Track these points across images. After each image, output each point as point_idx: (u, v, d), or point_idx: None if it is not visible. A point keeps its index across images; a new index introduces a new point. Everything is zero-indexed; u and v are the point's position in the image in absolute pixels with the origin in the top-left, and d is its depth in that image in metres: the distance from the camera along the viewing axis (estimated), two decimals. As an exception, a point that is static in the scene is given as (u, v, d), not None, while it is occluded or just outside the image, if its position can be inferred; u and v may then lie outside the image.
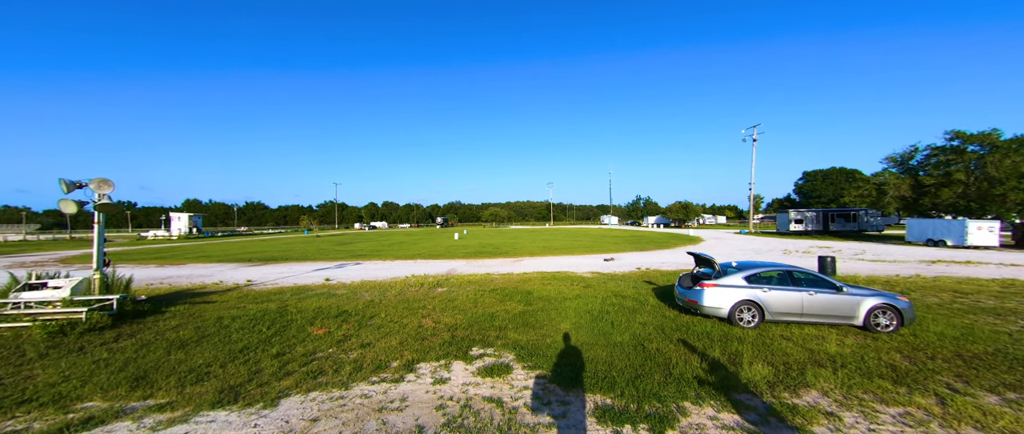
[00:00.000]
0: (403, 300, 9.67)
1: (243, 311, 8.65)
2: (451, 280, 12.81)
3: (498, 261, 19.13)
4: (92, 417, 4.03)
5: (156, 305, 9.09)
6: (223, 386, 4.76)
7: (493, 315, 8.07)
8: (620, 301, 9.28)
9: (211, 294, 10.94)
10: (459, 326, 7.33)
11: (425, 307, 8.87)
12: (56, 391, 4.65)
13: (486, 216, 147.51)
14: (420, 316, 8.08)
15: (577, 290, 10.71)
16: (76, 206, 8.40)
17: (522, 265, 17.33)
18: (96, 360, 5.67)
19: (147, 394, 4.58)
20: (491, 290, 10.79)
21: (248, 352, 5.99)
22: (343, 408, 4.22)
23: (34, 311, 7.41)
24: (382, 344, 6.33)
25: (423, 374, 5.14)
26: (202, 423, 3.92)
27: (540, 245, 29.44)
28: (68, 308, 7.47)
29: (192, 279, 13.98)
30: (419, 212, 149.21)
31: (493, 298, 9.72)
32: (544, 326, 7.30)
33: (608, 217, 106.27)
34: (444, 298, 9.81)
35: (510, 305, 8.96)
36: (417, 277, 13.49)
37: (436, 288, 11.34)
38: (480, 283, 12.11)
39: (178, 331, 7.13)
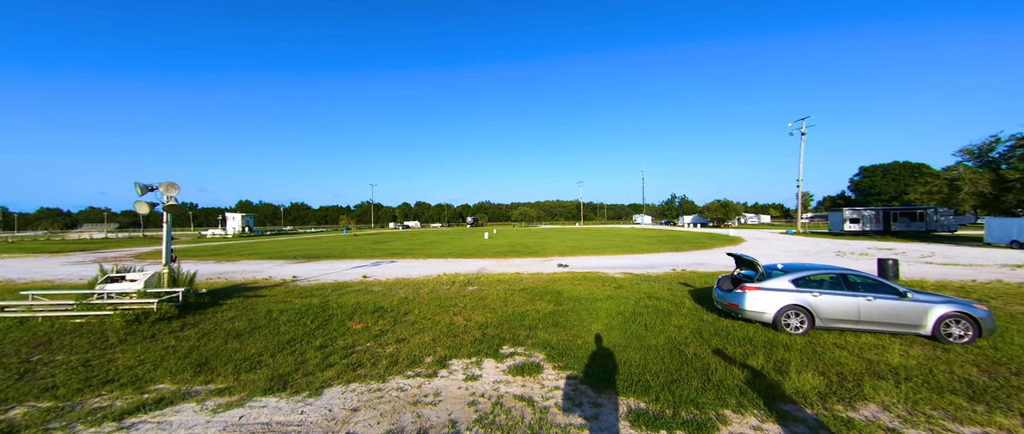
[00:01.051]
0: (435, 298, 9.92)
1: (290, 305, 9.24)
2: (481, 279, 12.98)
3: (527, 260, 19.15)
4: (163, 398, 4.47)
5: (215, 298, 9.92)
6: (273, 374, 5.12)
7: (523, 314, 8.09)
8: (654, 303, 8.99)
9: (261, 289, 11.78)
10: (490, 324, 7.42)
11: (456, 305, 9.05)
12: (133, 373, 5.21)
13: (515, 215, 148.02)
14: (452, 313, 8.26)
15: (608, 291, 10.50)
16: (148, 207, 9.34)
17: (551, 264, 17.23)
18: (166, 347, 6.28)
19: (208, 379, 5.02)
20: (521, 289, 10.82)
21: (294, 343, 6.40)
22: (381, 400, 4.40)
23: (115, 301, 8.32)
24: (416, 340, 6.54)
25: (455, 370, 5.25)
26: (255, 408, 4.24)
27: (570, 245, 29.13)
28: (142, 299, 8.33)
29: (245, 275, 15.11)
30: (450, 212, 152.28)
31: (523, 297, 9.74)
32: (574, 326, 7.22)
33: (641, 216, 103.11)
34: (475, 296, 9.96)
35: (540, 305, 8.94)
36: (448, 275, 13.79)
37: (467, 286, 11.53)
38: (510, 282, 12.18)
39: (234, 322, 7.74)
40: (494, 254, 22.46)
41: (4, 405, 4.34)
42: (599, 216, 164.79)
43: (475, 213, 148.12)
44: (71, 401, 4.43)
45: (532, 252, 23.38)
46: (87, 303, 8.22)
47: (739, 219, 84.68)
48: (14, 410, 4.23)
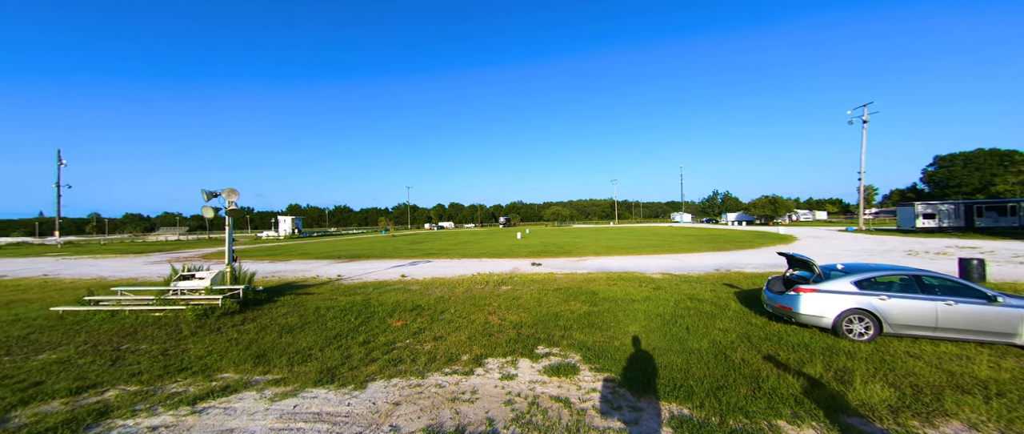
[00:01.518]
0: (470, 297, 10.09)
1: (335, 302, 9.78)
2: (515, 279, 13.03)
3: (561, 260, 18.97)
4: (228, 386, 4.90)
5: (270, 295, 10.72)
6: (322, 367, 5.44)
7: (557, 314, 8.02)
8: (696, 305, 8.58)
9: (310, 287, 12.57)
10: (524, 324, 7.42)
11: (491, 304, 9.14)
12: (203, 363, 5.75)
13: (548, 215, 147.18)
14: (486, 313, 8.36)
15: (646, 291, 10.16)
16: (213, 211, 10.28)
17: (585, 264, 16.95)
18: (229, 339, 6.88)
19: (266, 370, 5.43)
20: (554, 289, 10.74)
21: (340, 339, 6.76)
22: (420, 395, 4.55)
23: (186, 296, 9.24)
24: (453, 338, 6.69)
25: (491, 369, 5.31)
26: (307, 398, 4.54)
27: (604, 244, 28.51)
28: (209, 295, 9.18)
29: (295, 273, 16.20)
30: (483, 212, 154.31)
31: (557, 297, 9.66)
32: (611, 328, 7.05)
33: (679, 214, 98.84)
34: (509, 296, 10.02)
35: (574, 305, 8.82)
36: (482, 275, 13.97)
37: (501, 286, 11.62)
38: (543, 282, 12.13)
39: (287, 318, 8.32)
40: (527, 254, 22.46)
41: (100, 388, 4.95)
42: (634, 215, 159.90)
43: (507, 213, 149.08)
44: (153, 386, 4.98)
45: (565, 252, 23.13)
46: (164, 299, 9.19)
47: (790, 216, 78.63)
48: (108, 392, 4.81)
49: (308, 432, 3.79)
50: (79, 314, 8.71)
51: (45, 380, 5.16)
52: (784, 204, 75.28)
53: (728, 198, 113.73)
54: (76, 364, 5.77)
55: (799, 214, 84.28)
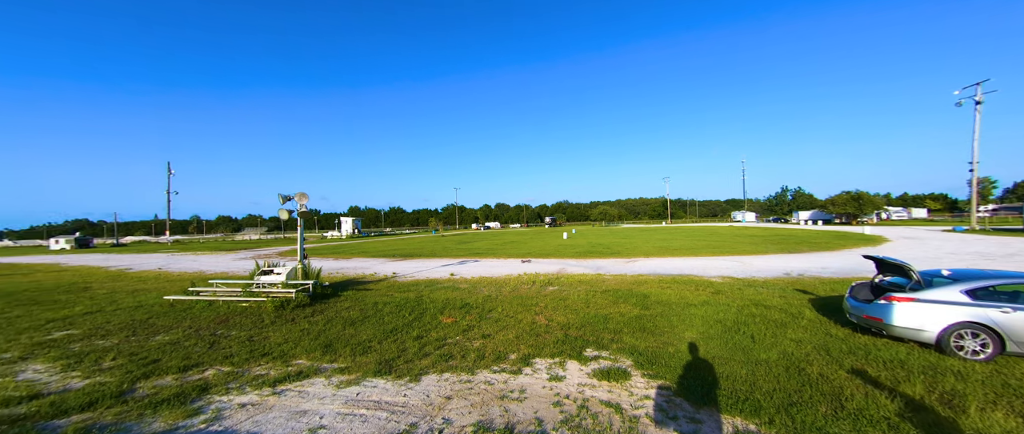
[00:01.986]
0: (517, 296, 10.16)
1: (391, 298, 10.40)
2: (561, 279, 12.89)
3: (609, 261, 18.41)
4: (301, 371, 5.42)
5: (335, 290, 11.68)
6: (381, 359, 5.81)
7: (606, 317, 7.80)
8: (763, 312, 7.85)
9: (369, 283, 13.49)
10: (572, 325, 7.32)
11: (537, 304, 9.14)
12: (280, 349, 6.42)
13: (595, 215, 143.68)
14: (533, 313, 8.37)
15: (704, 296, 9.50)
16: (287, 213, 11.44)
17: (636, 266, 16.28)
18: (301, 329, 7.61)
19: (332, 359, 5.93)
20: (603, 291, 10.45)
21: (396, 333, 7.17)
22: (471, 391, 4.67)
23: (266, 289, 10.38)
24: (500, 336, 6.78)
25: (539, 369, 5.30)
26: (368, 387, 4.88)
27: (656, 245, 27.16)
28: (284, 289, 10.23)
29: (356, 270, 17.49)
30: (528, 212, 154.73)
31: (605, 299, 9.39)
32: (665, 333, 6.70)
33: (742, 213, 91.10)
34: (555, 297, 9.94)
35: (624, 308, 8.51)
36: (529, 275, 14.01)
37: (547, 286, 11.57)
38: (591, 283, 11.86)
39: (349, 311, 9.01)
40: (574, 254, 22.11)
41: (201, 367, 5.74)
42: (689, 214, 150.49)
43: (553, 213, 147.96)
44: (242, 367, 5.66)
45: (614, 252, 22.41)
46: (249, 291, 10.41)
47: (880, 214, 68.86)
48: (207, 371, 5.56)
49: (370, 419, 4.07)
50: (185, 303, 10.17)
51: (161, 358, 6.09)
52: (871, 200, 66.05)
53: (800, 195, 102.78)
54: (183, 346, 6.74)
55: (890, 212, 73.52)
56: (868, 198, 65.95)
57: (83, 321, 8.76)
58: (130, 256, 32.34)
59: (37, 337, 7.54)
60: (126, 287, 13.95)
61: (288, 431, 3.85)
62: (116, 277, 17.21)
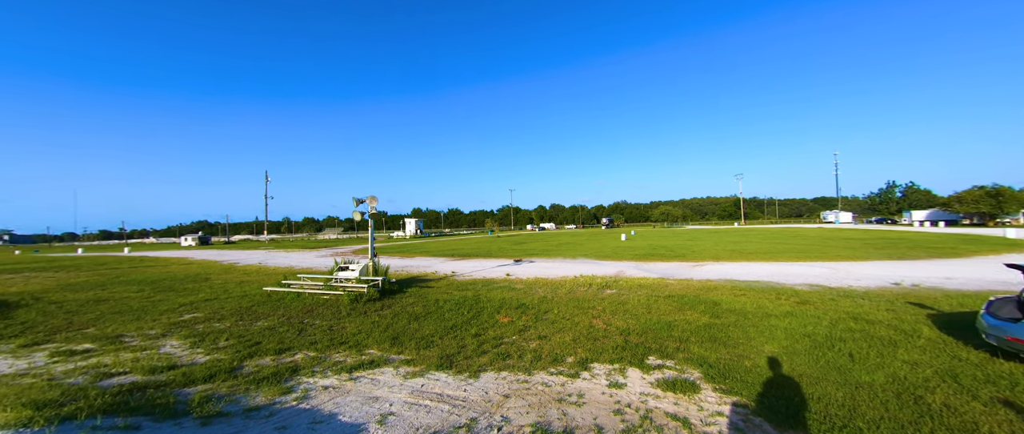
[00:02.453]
0: (573, 299, 10.00)
1: (451, 296, 10.87)
2: (620, 282, 12.40)
3: (672, 265, 17.28)
4: (373, 360, 5.90)
5: (401, 286, 12.54)
6: (442, 353, 6.10)
7: (670, 324, 7.33)
8: (865, 327, 6.78)
9: (430, 281, 14.25)
10: (632, 331, 7.00)
11: (595, 308, 8.89)
12: (355, 339, 7.06)
13: (656, 215, 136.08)
14: (590, 316, 8.16)
15: (787, 305, 8.48)
16: (359, 215, 12.55)
17: (703, 270, 15.06)
18: (372, 322, 8.28)
19: (399, 350, 6.37)
20: (666, 296, 9.84)
21: (456, 330, 7.48)
22: (528, 391, 4.70)
23: (343, 284, 11.48)
24: (556, 338, 6.73)
25: (598, 374, 5.15)
26: (432, 379, 5.15)
27: (727, 248, 24.88)
28: (358, 284, 11.23)
29: (418, 269, 18.59)
30: (584, 213, 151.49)
31: (669, 305, 8.83)
32: (739, 345, 6.10)
33: (833, 213, 79.90)
34: (614, 300, 9.59)
35: (691, 315, 7.92)
36: (585, 277, 13.70)
37: (604, 289, 11.21)
38: (652, 288, 11.24)
39: (413, 307, 9.60)
40: (632, 257, 21.15)
41: (292, 351, 6.52)
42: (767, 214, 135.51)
43: (610, 214, 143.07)
44: (324, 353, 6.33)
45: (677, 255, 20.98)
46: (329, 285, 11.61)
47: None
48: (297, 355, 6.31)
49: (433, 410, 4.29)
50: (279, 293, 11.65)
51: (261, 341, 7.05)
52: (1015, 197, 53.59)
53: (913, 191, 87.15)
54: (278, 331, 7.73)
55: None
56: (1011, 194, 53.61)
57: (204, 306, 10.48)
58: (237, 252, 37.97)
59: (172, 318, 9.19)
60: (235, 279, 16.38)
61: (362, 415, 4.22)
62: (227, 270, 20.31)
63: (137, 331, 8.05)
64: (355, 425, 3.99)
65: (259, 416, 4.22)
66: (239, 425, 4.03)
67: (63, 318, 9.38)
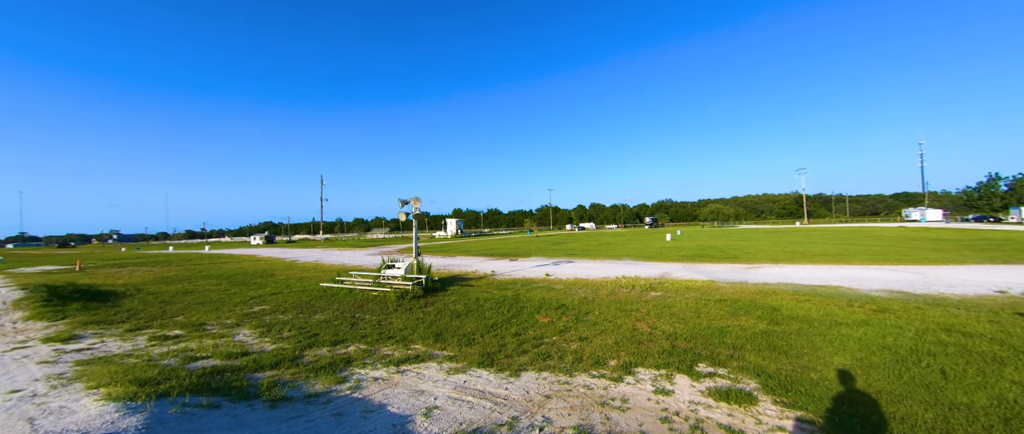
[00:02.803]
0: (615, 300, 9.72)
1: (491, 295, 11.03)
2: (665, 285, 11.85)
3: (723, 266, 16.19)
4: (418, 355, 6.15)
5: (443, 284, 12.94)
6: (483, 351, 6.21)
7: (722, 330, 6.87)
8: (960, 340, 5.91)
9: (471, 280, 14.56)
10: (679, 336, 6.66)
11: (638, 310, 8.58)
12: (401, 334, 7.39)
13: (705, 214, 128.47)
14: (634, 319, 7.89)
15: (862, 313, 7.61)
16: (404, 216, 13.13)
17: (760, 273, 13.95)
18: (417, 318, 8.63)
19: (442, 347, 6.57)
20: (718, 300, 9.24)
21: (496, 328, 7.57)
22: (569, 393, 4.65)
23: (389, 281, 12.08)
24: (598, 341, 6.58)
25: (642, 379, 4.97)
26: (474, 376, 5.26)
27: (786, 249, 22.86)
28: (403, 281, 11.76)
29: (459, 267, 19.06)
30: (625, 212, 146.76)
31: (721, 310, 8.29)
32: (803, 354, 5.58)
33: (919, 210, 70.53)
34: (659, 303, 9.18)
35: (746, 321, 7.38)
36: (628, 278, 13.26)
37: (649, 292, 10.77)
38: (701, 291, 10.61)
39: (455, 305, 9.87)
40: (679, 258, 20.12)
41: (346, 343, 6.98)
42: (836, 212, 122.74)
43: (654, 213, 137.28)
44: (374, 347, 6.70)
45: (729, 257, 19.64)
46: (378, 282, 12.27)
47: None
48: (350, 347, 6.74)
49: (475, 406, 4.39)
50: (333, 289, 12.52)
51: (318, 333, 7.62)
52: None
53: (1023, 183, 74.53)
54: (333, 324, 8.31)
55: None
56: None
57: (270, 299, 11.53)
58: (297, 250, 41.35)
59: (244, 309, 10.21)
60: (295, 275, 17.86)
61: (409, 407, 4.41)
62: (289, 266, 22.20)
63: (216, 320, 9.05)
64: (403, 416, 4.18)
65: (318, 402, 4.56)
66: (301, 409, 4.39)
67: (158, 307, 10.79)
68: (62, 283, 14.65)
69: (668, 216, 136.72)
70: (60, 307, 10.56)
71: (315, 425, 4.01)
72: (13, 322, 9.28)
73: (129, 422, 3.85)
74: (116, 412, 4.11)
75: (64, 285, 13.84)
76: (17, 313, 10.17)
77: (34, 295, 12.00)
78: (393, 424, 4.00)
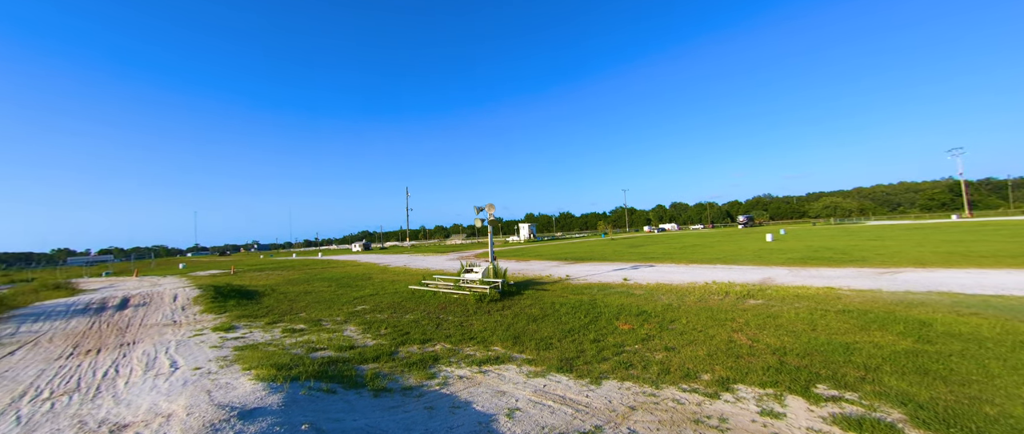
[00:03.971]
0: (705, 308, 8.84)
1: (566, 300, 10.90)
2: (767, 292, 10.40)
3: (845, 271, 13.60)
4: (498, 357, 6.36)
5: (518, 288, 13.20)
6: (561, 356, 6.17)
7: (849, 346, 5.78)
8: None
9: (545, 284, 14.59)
10: (789, 351, 5.78)
11: (734, 320, 7.67)
12: (482, 335, 7.73)
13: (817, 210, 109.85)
14: (729, 329, 7.08)
15: (1065, 334, 5.73)
16: (480, 222, 13.75)
17: (899, 279, 11.39)
18: (495, 320, 8.94)
19: (521, 350, 6.70)
20: (840, 310, 7.81)
21: (573, 333, 7.46)
22: (656, 406, 4.36)
23: (469, 285, 12.73)
24: (687, 351, 6.05)
25: (744, 397, 4.43)
26: (553, 380, 5.26)
27: (937, 249, 18.30)
28: (481, 285, 12.29)
29: (533, 272, 19.24)
30: (713, 211, 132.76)
31: (845, 322, 6.98)
32: (971, 382, 4.40)
33: None
34: (760, 312, 8.09)
35: (882, 336, 6.09)
36: (719, 284, 11.95)
37: (746, 299, 9.57)
38: (817, 299, 9.06)
39: (530, 309, 9.98)
40: (784, 261, 17.48)
41: (433, 342, 7.54)
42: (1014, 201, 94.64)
43: (749, 210, 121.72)
44: (457, 346, 7.12)
45: (854, 259, 16.43)
46: (458, 285, 13.03)
47: None
48: (437, 345, 7.27)
49: (557, 411, 4.37)
50: (420, 291, 13.64)
51: (409, 332, 8.37)
52: None
53: None
54: (421, 324, 9.05)
55: None
56: None
57: (370, 300, 13.03)
58: (389, 256, 46.03)
59: (350, 308, 11.70)
60: (388, 278, 19.90)
61: (492, 406, 4.58)
62: (383, 271, 24.82)
63: (329, 317, 10.54)
64: (487, 415, 4.36)
65: (412, 395, 5.01)
66: (399, 400, 4.87)
67: (287, 305, 12.96)
68: (223, 284, 18.53)
69: (767, 213, 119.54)
70: (222, 303, 13.35)
71: (411, 416, 4.41)
72: (194, 314, 12.02)
73: (272, 399, 4.69)
74: (263, 390, 5.05)
75: (224, 286, 17.48)
76: (195, 307, 13.14)
77: (205, 293, 15.37)
78: (479, 421, 4.20)
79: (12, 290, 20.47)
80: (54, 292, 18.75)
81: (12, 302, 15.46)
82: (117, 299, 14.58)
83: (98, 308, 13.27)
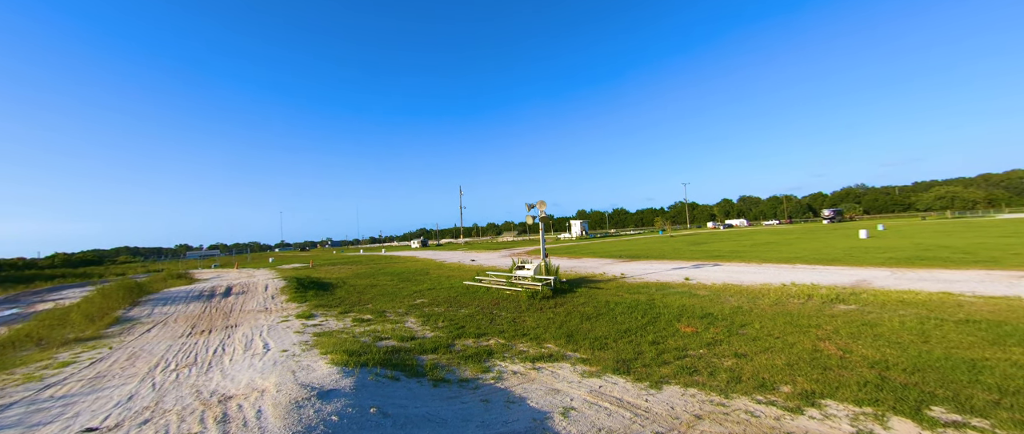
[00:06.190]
0: (782, 312, 7.95)
1: (622, 299, 10.50)
2: (862, 296, 9.06)
3: (967, 273, 11.36)
4: (552, 354, 6.32)
5: (571, 286, 13.00)
6: (618, 357, 5.95)
7: (974, 363, 4.82)
8: None
9: (599, 282, 14.18)
10: (892, 365, 4.98)
11: (820, 326, 6.79)
12: (535, 332, 7.73)
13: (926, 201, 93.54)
14: (814, 337, 6.28)
15: None
16: (532, 219, 13.75)
17: (1048, 285, 9.22)
18: (547, 318, 8.89)
19: (574, 348, 6.59)
20: (958, 320, 6.55)
21: (630, 334, 7.16)
22: (726, 417, 4.01)
23: (521, 282, 12.82)
24: (761, 359, 5.49)
25: (834, 415, 3.90)
26: (609, 382, 5.09)
27: (1108, 247, 14.49)
28: (533, 282, 12.31)
29: (586, 269, 18.82)
30: (791, 205, 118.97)
31: (970, 334, 5.83)
32: None
33: None
34: (854, 320, 7.07)
35: (1019, 353, 4.99)
36: (800, 286, 10.67)
37: (834, 304, 8.43)
38: (928, 306, 7.69)
39: (584, 307, 9.77)
40: (883, 261, 15.10)
41: (487, 336, 7.72)
42: None
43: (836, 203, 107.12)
44: (511, 342, 7.21)
45: (978, 260, 13.68)
46: (510, 282, 13.19)
47: None
48: (491, 340, 7.42)
49: (614, 414, 4.23)
50: (474, 287, 14.05)
51: (465, 326, 8.66)
52: None
53: None
54: (475, 319, 9.31)
55: None
56: None
57: (428, 294, 13.72)
58: (445, 252, 48.10)
59: (410, 301, 12.42)
60: (445, 274, 20.79)
61: (547, 404, 4.56)
62: (439, 266, 25.99)
63: (392, 309, 11.29)
64: (542, 412, 4.36)
65: (469, 387, 5.18)
66: (456, 391, 5.06)
67: (356, 296, 14.13)
68: (303, 276, 20.76)
69: (859, 207, 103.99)
70: (303, 293, 14.96)
71: (468, 407, 4.56)
72: (281, 303, 13.62)
73: (345, 383, 5.15)
74: (338, 374, 5.56)
75: (305, 278, 19.58)
76: (282, 296, 14.87)
77: (289, 284, 17.34)
78: (533, 418, 4.21)
79: (149, 278, 25.17)
80: (177, 281, 22.58)
81: (149, 288, 18.90)
82: (223, 288, 17.06)
83: (209, 295, 15.64)
